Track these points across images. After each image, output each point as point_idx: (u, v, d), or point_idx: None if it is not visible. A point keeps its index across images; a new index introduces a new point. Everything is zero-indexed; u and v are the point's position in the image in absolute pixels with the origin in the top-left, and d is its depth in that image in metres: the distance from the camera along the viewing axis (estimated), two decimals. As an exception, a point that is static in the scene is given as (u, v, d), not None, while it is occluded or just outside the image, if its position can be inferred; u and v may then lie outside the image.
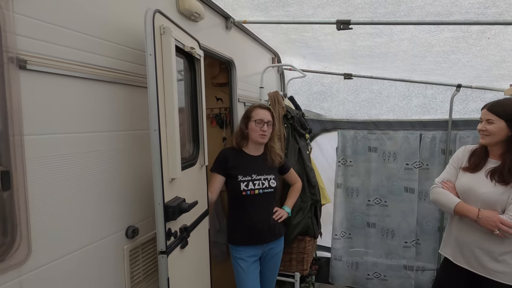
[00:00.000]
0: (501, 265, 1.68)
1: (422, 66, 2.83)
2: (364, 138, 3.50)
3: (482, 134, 1.74)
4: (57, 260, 1.05)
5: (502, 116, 1.66)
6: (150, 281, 1.47)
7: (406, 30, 2.07)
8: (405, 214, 3.40)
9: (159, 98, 1.27)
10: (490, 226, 1.64)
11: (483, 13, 1.73)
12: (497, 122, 1.67)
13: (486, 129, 1.70)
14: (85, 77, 1.16)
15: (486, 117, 1.71)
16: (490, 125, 1.69)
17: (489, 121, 1.69)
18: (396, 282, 3.47)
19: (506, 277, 1.67)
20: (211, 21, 2.13)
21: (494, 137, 1.69)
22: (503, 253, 1.68)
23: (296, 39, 2.61)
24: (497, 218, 1.62)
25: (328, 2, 1.80)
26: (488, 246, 1.70)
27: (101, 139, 1.23)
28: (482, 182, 1.73)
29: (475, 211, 1.68)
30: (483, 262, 1.72)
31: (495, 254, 1.69)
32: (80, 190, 1.14)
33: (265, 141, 2.04)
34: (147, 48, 1.22)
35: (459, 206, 1.74)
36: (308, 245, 2.71)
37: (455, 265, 1.84)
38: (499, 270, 1.68)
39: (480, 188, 1.72)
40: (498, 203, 1.67)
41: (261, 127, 1.98)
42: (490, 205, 1.69)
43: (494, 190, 1.68)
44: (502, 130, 1.67)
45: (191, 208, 1.39)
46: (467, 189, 1.77)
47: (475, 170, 1.78)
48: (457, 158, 1.90)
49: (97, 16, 1.21)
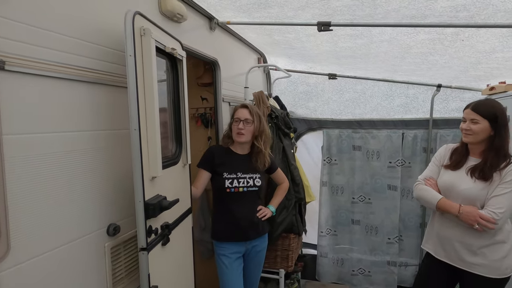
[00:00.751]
0: (479, 258, 1.75)
1: (403, 67, 2.91)
2: (349, 137, 3.57)
3: (465, 133, 1.79)
4: (37, 257, 1.07)
5: (485, 116, 1.71)
6: (132, 278, 1.50)
7: (385, 32, 2.14)
8: (388, 211, 3.49)
9: (140, 98, 1.30)
10: (470, 220, 1.70)
11: (455, 16, 1.80)
12: (481, 122, 1.72)
13: (470, 129, 1.74)
14: (66, 78, 1.17)
15: (470, 116, 1.75)
16: (474, 125, 1.73)
17: (473, 121, 1.74)
18: (380, 277, 3.55)
19: (483, 269, 1.75)
20: (195, 22, 2.16)
21: (478, 136, 1.74)
22: (481, 246, 1.75)
23: (280, 40, 2.66)
24: (476, 213, 1.69)
25: (307, 5, 1.85)
26: (468, 240, 1.77)
27: (83, 138, 1.25)
28: (463, 179, 1.79)
29: (456, 207, 1.75)
30: (463, 256, 1.79)
31: (474, 247, 1.76)
32: (60, 188, 1.16)
33: (242, 139, 2.03)
34: (127, 49, 1.25)
35: (441, 202, 1.80)
36: (292, 242, 2.76)
37: (437, 260, 1.91)
38: (477, 262, 1.76)
39: (461, 185, 1.78)
40: (477, 199, 1.74)
41: (238, 125, 2.02)
42: (470, 201, 1.75)
43: (474, 186, 1.75)
44: (486, 130, 1.72)
45: (172, 205, 1.42)
46: (449, 185, 1.83)
47: (456, 167, 1.85)
48: (439, 156, 1.97)
49: (77, 17, 1.23)
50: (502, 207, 1.67)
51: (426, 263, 2.03)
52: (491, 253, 1.74)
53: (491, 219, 1.66)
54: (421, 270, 2.06)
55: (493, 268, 1.74)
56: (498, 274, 1.74)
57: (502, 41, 2.07)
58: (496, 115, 1.70)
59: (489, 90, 2.83)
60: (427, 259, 2.01)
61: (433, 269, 1.96)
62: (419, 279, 2.07)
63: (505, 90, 2.65)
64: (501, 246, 1.74)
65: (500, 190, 1.69)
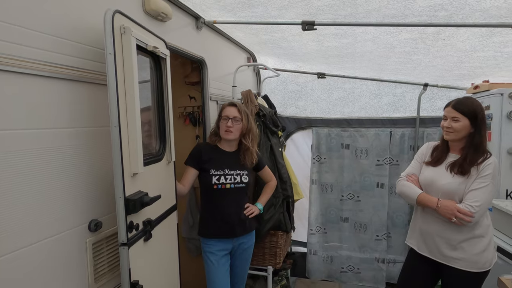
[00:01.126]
0: (458, 252, 1.80)
1: (389, 66, 2.95)
2: (338, 136, 3.61)
3: (446, 131, 1.83)
4: (15, 251, 1.09)
5: (466, 114, 1.76)
6: (115, 274, 1.52)
7: (368, 31, 2.17)
8: (377, 208, 3.53)
9: (120, 95, 1.32)
10: (448, 214, 1.75)
11: (434, 15, 1.84)
12: (462, 120, 1.76)
13: (451, 127, 1.79)
14: (46, 75, 1.19)
15: (451, 115, 1.80)
16: (455, 123, 1.78)
17: (454, 118, 1.78)
18: (369, 274, 3.60)
19: (462, 263, 1.79)
20: (181, 21, 2.18)
21: (459, 134, 1.79)
22: (461, 241, 1.79)
23: (267, 39, 2.69)
24: (454, 207, 1.74)
25: (290, 4, 1.88)
26: (448, 235, 1.81)
27: (63, 135, 1.27)
28: (442, 175, 1.84)
29: (434, 201, 1.80)
30: (443, 250, 1.84)
31: (453, 242, 1.80)
32: (40, 184, 1.17)
33: (231, 137, 2.06)
34: (107, 47, 1.27)
35: (421, 197, 1.85)
36: (280, 240, 2.79)
37: (420, 255, 1.95)
38: (457, 257, 1.80)
39: (440, 180, 1.83)
40: (456, 193, 1.78)
41: (226, 123, 2.04)
42: (449, 195, 1.80)
43: (453, 181, 1.79)
44: (466, 127, 1.77)
45: (153, 201, 1.44)
46: (430, 181, 1.88)
47: (437, 164, 1.90)
48: (421, 154, 2.02)
49: (57, 15, 1.24)
50: (479, 201, 1.71)
51: (409, 258, 2.06)
52: (470, 247, 1.78)
53: (468, 212, 1.70)
54: (405, 265, 2.10)
55: (472, 262, 1.78)
56: (477, 268, 1.78)
57: (481, 40, 2.11)
58: (476, 113, 1.75)
59: (474, 89, 2.88)
60: (411, 254, 2.05)
61: (416, 264, 2.00)
62: (403, 274, 2.10)
63: (489, 88, 2.70)
64: (479, 241, 1.79)
65: (477, 184, 1.74)
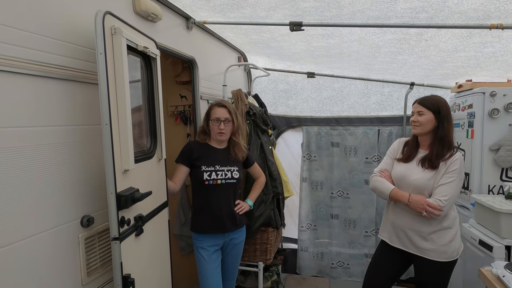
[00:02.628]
0: (429, 243, 1.90)
1: (376, 66, 3.02)
2: (327, 134, 3.68)
3: (413, 125, 1.96)
4: (7, 246, 1.12)
5: (430, 108, 1.89)
6: (107, 268, 1.55)
7: (354, 32, 2.24)
8: (365, 205, 3.61)
9: (111, 94, 1.36)
10: (418, 208, 1.84)
11: (416, 17, 1.92)
12: (426, 113, 1.89)
13: (417, 120, 1.92)
14: (38, 75, 1.22)
15: (417, 109, 1.93)
16: (420, 117, 1.91)
17: (419, 113, 1.91)
18: (358, 269, 3.67)
19: (433, 253, 1.89)
20: (171, 22, 2.22)
21: (425, 127, 1.91)
22: (431, 232, 1.89)
23: (256, 39, 2.74)
24: (424, 201, 1.83)
25: (277, 5, 1.94)
26: (419, 227, 1.91)
27: (57, 133, 1.30)
28: (413, 170, 1.94)
29: (406, 196, 1.89)
30: (415, 242, 1.93)
31: (424, 234, 1.90)
32: (34, 181, 1.20)
33: (224, 138, 2.14)
34: (97, 48, 1.31)
35: (393, 192, 1.93)
36: (271, 236, 2.84)
37: (391, 247, 2.04)
38: (427, 248, 1.90)
39: (411, 175, 1.93)
40: (426, 188, 1.88)
41: (218, 125, 2.09)
42: (419, 190, 1.90)
43: (423, 176, 1.89)
44: (431, 121, 1.89)
45: (144, 197, 1.49)
46: (401, 177, 1.97)
47: (408, 160, 2.00)
48: (393, 150, 2.12)
49: (49, 16, 1.28)
50: (447, 195, 1.81)
51: (380, 250, 2.14)
52: (439, 238, 1.88)
53: (437, 206, 1.80)
54: (375, 256, 2.15)
55: (441, 252, 1.88)
56: (446, 257, 1.88)
57: (462, 41, 2.20)
58: (439, 107, 1.87)
59: (457, 88, 2.97)
60: (382, 246, 2.13)
61: (386, 255, 2.09)
62: (372, 265, 2.15)
63: (471, 87, 2.79)
64: (447, 232, 1.88)
65: (445, 180, 1.84)
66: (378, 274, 2.11)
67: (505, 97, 2.55)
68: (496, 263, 1.82)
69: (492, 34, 2.03)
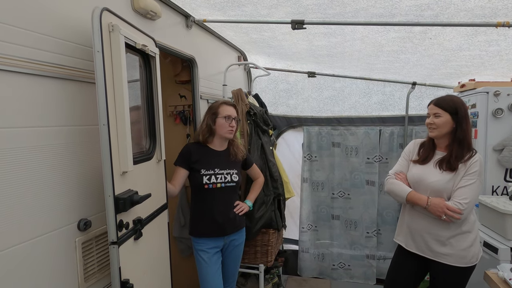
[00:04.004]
0: (447, 248, 1.83)
1: (377, 65, 2.99)
2: (328, 134, 3.64)
3: (430, 127, 1.88)
4: (3, 251, 1.08)
5: (447, 110, 1.81)
6: (105, 273, 1.51)
7: (357, 30, 2.20)
8: (367, 205, 3.57)
9: (109, 94, 1.31)
10: (438, 212, 1.78)
11: (421, 15, 1.88)
12: (443, 115, 1.81)
13: (434, 123, 1.84)
14: (32, 73, 1.18)
15: (433, 111, 1.85)
16: (437, 119, 1.83)
17: (436, 115, 1.84)
18: (360, 271, 3.64)
19: (451, 258, 1.83)
20: (171, 20, 2.18)
21: (442, 130, 1.84)
22: (449, 237, 1.83)
23: (257, 38, 2.70)
24: (444, 205, 1.77)
25: (279, 3, 1.89)
26: (437, 231, 1.85)
27: (52, 133, 1.26)
28: (431, 172, 1.87)
29: (424, 199, 1.82)
30: (432, 246, 1.87)
31: (442, 238, 1.84)
32: (29, 183, 1.16)
33: (232, 136, 2.14)
34: (95, 45, 1.26)
35: (411, 195, 1.87)
36: (272, 238, 2.80)
37: (408, 251, 1.98)
38: (445, 252, 1.83)
39: (429, 178, 1.86)
40: (444, 191, 1.82)
41: (230, 123, 2.06)
42: (438, 193, 1.83)
43: (441, 178, 1.82)
44: (448, 123, 1.82)
45: (143, 200, 1.44)
46: (418, 179, 1.90)
47: (424, 162, 1.92)
48: (408, 151, 2.05)
49: (44, 13, 1.23)
50: (467, 198, 1.75)
51: (397, 255, 2.09)
52: (458, 243, 1.82)
53: (457, 209, 1.74)
54: (392, 262, 2.13)
55: (460, 257, 1.82)
56: (465, 263, 1.82)
57: (467, 39, 2.16)
58: (457, 108, 1.80)
59: (460, 88, 2.94)
60: (399, 251, 2.08)
61: (404, 260, 2.03)
62: (391, 271, 2.13)
63: (475, 87, 2.76)
64: (467, 236, 1.82)
65: (465, 182, 1.77)
66: (397, 281, 2.06)
67: (509, 96, 2.52)
68: (502, 266, 1.79)
69: (498, 32, 2.00)
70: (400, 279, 2.05)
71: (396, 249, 2.12)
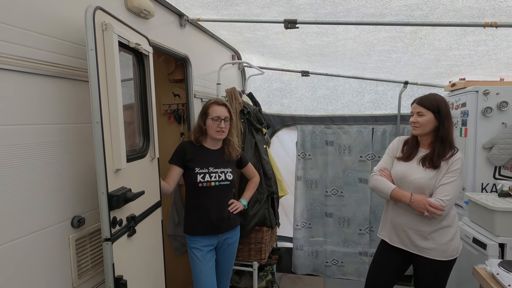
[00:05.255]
0: (429, 242, 1.88)
1: (370, 65, 3.02)
2: (322, 133, 3.68)
3: (413, 126, 1.93)
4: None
5: (429, 108, 1.86)
6: (99, 270, 1.52)
7: (348, 30, 2.23)
8: (360, 203, 3.62)
9: (102, 92, 1.33)
10: (420, 208, 1.83)
11: (411, 15, 1.91)
12: (426, 114, 1.86)
13: (417, 121, 1.89)
14: (27, 72, 1.19)
15: (417, 110, 1.90)
16: (420, 117, 1.88)
17: (419, 113, 1.88)
18: (352, 267, 3.68)
19: (433, 252, 1.88)
20: (164, 19, 2.19)
21: (425, 128, 1.88)
22: (431, 231, 1.88)
23: (250, 37, 2.72)
24: (426, 201, 1.82)
25: (272, 2, 1.92)
26: (419, 226, 1.90)
27: (47, 131, 1.27)
28: (414, 169, 1.92)
29: (408, 196, 1.87)
30: (415, 241, 1.91)
31: (424, 233, 1.89)
32: (23, 181, 1.17)
33: (223, 136, 2.12)
34: (88, 44, 1.27)
35: (395, 192, 1.91)
36: (265, 235, 2.83)
37: (391, 246, 2.03)
38: (428, 247, 1.89)
39: (412, 175, 1.90)
40: (427, 188, 1.87)
41: (218, 124, 2.06)
42: (420, 190, 1.88)
43: (424, 175, 1.87)
44: (431, 121, 1.86)
45: (136, 197, 1.46)
46: (401, 176, 1.95)
47: (408, 159, 1.97)
48: (393, 148, 2.09)
49: (38, 11, 1.24)
50: (449, 195, 1.80)
51: (381, 249, 2.14)
52: (439, 237, 1.87)
53: (439, 206, 1.79)
54: (375, 256, 2.16)
55: (441, 251, 1.87)
56: (446, 256, 1.88)
57: (456, 39, 2.20)
58: (439, 106, 1.84)
59: (451, 87, 2.98)
60: (382, 246, 2.12)
61: (387, 255, 2.08)
62: (373, 266, 2.16)
63: (465, 86, 2.80)
64: (447, 231, 1.88)
65: (446, 179, 1.83)
66: (380, 274, 2.10)
67: (498, 95, 2.57)
68: (490, 261, 1.83)
69: (486, 32, 2.04)
70: (384, 273, 2.08)
71: (379, 244, 2.16)
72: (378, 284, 2.11)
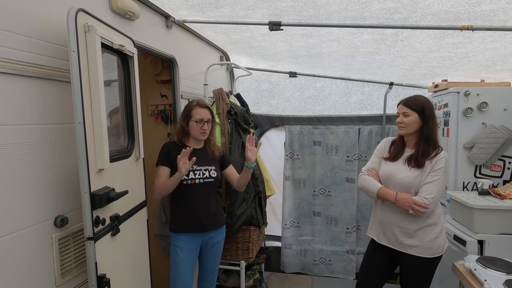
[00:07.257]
0: (414, 240, 1.93)
1: (355, 66, 3.08)
2: (309, 133, 3.72)
3: (399, 126, 1.99)
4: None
5: (414, 109, 1.92)
6: (82, 269, 1.53)
7: (332, 32, 2.27)
8: (347, 202, 3.67)
9: (85, 92, 1.34)
10: (405, 206, 1.88)
11: (391, 18, 1.96)
12: (412, 114, 1.92)
13: (403, 122, 1.95)
14: (9, 72, 1.20)
15: (402, 110, 1.96)
16: (406, 118, 1.94)
17: (405, 114, 1.94)
18: (340, 265, 3.73)
19: (418, 249, 1.93)
20: (150, 20, 2.20)
21: (410, 128, 1.94)
22: (417, 229, 1.93)
23: (237, 39, 2.75)
24: (411, 199, 1.87)
25: (256, 5, 1.95)
26: (405, 224, 1.95)
27: (29, 131, 1.28)
28: (400, 169, 1.97)
29: (393, 194, 1.92)
30: (400, 239, 1.96)
31: (410, 231, 1.94)
32: (4, 180, 1.18)
33: (205, 137, 2.16)
34: (70, 45, 1.29)
35: (381, 191, 1.96)
36: (252, 234, 2.85)
37: (379, 244, 2.08)
38: (413, 244, 1.93)
39: (398, 174, 1.96)
40: (412, 186, 1.92)
41: (202, 126, 2.09)
42: (406, 189, 1.93)
43: (409, 174, 1.92)
44: (416, 122, 1.92)
45: (119, 196, 1.48)
46: (388, 175, 2.00)
47: (394, 159, 2.02)
48: (380, 149, 2.15)
49: (19, 12, 1.25)
50: (433, 193, 1.85)
51: (370, 248, 2.19)
52: (425, 235, 1.92)
53: (423, 204, 1.84)
54: (366, 255, 2.22)
55: (426, 249, 1.92)
56: (431, 253, 1.92)
57: (436, 41, 2.26)
58: (424, 107, 1.90)
59: (434, 88, 3.05)
60: (371, 245, 2.17)
61: (376, 253, 2.12)
62: (364, 263, 2.22)
63: (447, 87, 2.87)
64: (433, 228, 1.93)
65: (431, 178, 1.88)
66: (370, 273, 2.15)
67: (478, 96, 2.64)
68: (468, 257, 1.89)
69: (464, 35, 2.10)
70: (373, 271, 2.13)
71: (369, 243, 2.21)
72: (369, 282, 2.16)
